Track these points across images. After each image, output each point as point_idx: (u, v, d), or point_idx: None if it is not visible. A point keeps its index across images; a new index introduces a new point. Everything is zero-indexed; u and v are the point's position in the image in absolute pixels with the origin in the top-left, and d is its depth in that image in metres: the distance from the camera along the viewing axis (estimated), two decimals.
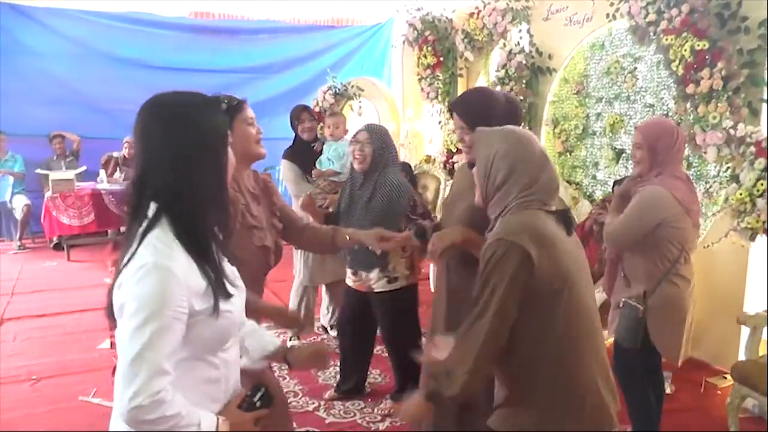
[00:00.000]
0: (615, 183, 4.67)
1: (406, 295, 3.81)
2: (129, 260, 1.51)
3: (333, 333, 5.03)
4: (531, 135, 2.11)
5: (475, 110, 2.60)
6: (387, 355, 4.09)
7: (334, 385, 4.20)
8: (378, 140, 3.62)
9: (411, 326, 3.92)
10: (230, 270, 1.72)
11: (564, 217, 2.01)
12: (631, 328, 3.02)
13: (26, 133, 8.04)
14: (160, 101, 1.63)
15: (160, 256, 1.49)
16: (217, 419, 1.61)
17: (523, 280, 1.84)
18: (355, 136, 3.66)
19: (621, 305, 3.08)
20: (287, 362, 2.06)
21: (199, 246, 1.58)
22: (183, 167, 1.55)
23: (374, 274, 3.72)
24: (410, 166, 7.01)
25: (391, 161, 3.71)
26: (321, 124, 5.44)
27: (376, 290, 3.76)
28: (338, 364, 4.18)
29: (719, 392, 4.13)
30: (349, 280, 3.89)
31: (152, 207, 1.56)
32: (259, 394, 1.76)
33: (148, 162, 1.56)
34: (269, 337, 2.03)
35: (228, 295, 1.62)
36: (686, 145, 3.58)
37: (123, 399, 1.44)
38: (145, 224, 1.54)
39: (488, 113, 2.51)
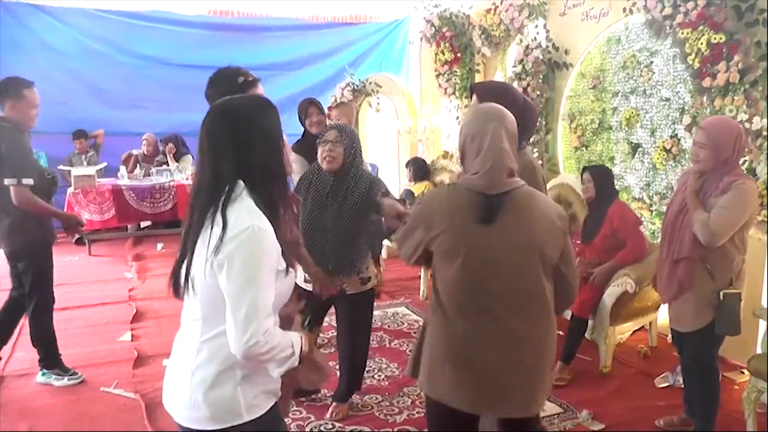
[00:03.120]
0: (584, 169, 4.71)
1: (371, 297, 3.85)
2: (222, 227, 1.75)
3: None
4: (489, 112, 2.33)
5: (491, 98, 2.68)
6: (344, 355, 3.90)
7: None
8: (348, 139, 3.55)
9: (368, 328, 3.96)
10: None
11: (489, 204, 2.21)
12: (736, 314, 3.15)
13: (49, 131, 8.13)
14: (235, 106, 1.92)
15: (257, 220, 1.77)
16: (300, 337, 1.95)
17: (420, 233, 2.30)
18: (324, 136, 3.57)
19: (722, 297, 3.13)
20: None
21: (274, 214, 1.86)
22: (262, 153, 1.86)
23: (353, 278, 3.66)
24: (424, 161, 7.05)
25: (360, 158, 3.67)
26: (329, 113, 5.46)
27: (348, 292, 3.67)
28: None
29: (736, 386, 4.13)
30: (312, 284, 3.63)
31: (233, 187, 1.82)
32: (306, 320, 2.23)
33: (223, 150, 1.83)
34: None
35: (289, 260, 1.91)
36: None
37: (241, 340, 1.72)
38: (224, 199, 1.80)
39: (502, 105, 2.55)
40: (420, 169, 7.06)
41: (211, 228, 1.77)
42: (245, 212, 1.78)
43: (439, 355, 2.29)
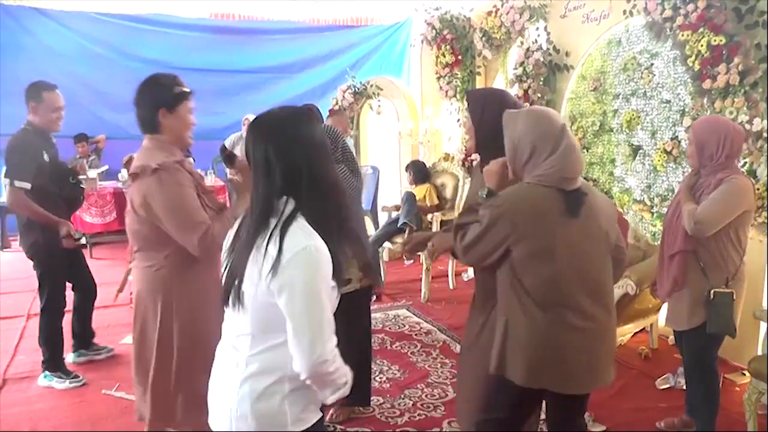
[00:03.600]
0: None
1: (359, 299, 3.70)
2: (278, 249, 1.73)
3: None
4: (552, 114, 2.41)
5: (483, 104, 2.76)
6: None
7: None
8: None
9: (362, 333, 3.87)
10: None
11: (572, 198, 2.30)
12: (728, 315, 3.15)
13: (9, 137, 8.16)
14: (282, 116, 1.88)
15: (313, 240, 1.76)
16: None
17: (500, 237, 2.31)
18: None
19: (712, 296, 3.15)
20: None
21: (331, 232, 1.84)
22: (313, 168, 1.83)
23: None
24: (424, 164, 7.04)
25: (340, 159, 3.60)
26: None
27: None
28: None
29: (737, 388, 4.12)
30: None
31: (282, 205, 1.81)
32: None
33: (283, 168, 1.80)
34: None
35: (342, 275, 1.89)
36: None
37: (311, 358, 1.73)
38: (281, 218, 1.79)
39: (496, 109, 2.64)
40: (420, 172, 7.07)
41: (266, 248, 1.75)
42: (299, 232, 1.77)
43: (542, 348, 2.34)
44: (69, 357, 4.63)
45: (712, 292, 3.15)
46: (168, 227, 2.57)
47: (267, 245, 1.76)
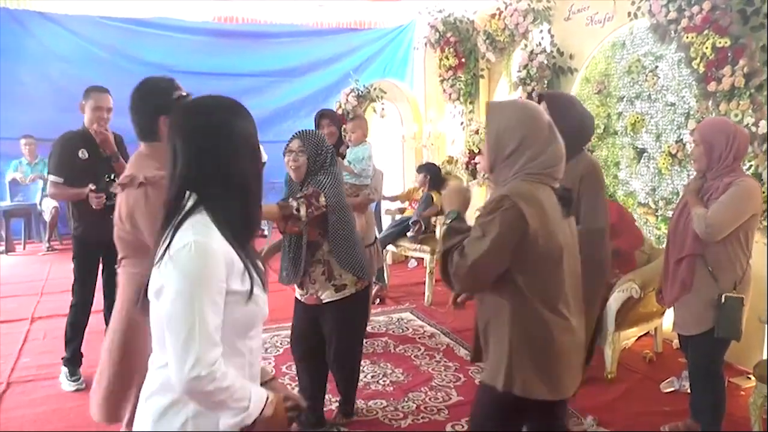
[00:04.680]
0: None
1: (354, 304, 3.63)
2: (167, 246, 1.59)
3: None
4: (539, 109, 2.33)
5: (559, 107, 3.14)
6: (335, 367, 3.76)
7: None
8: (311, 147, 3.42)
9: (357, 337, 3.85)
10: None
11: (564, 197, 2.26)
12: (737, 319, 3.13)
13: (56, 138, 8.18)
14: (197, 105, 1.77)
15: (200, 235, 1.58)
16: (267, 397, 1.68)
17: (516, 239, 2.14)
18: (287, 145, 3.46)
19: (723, 300, 3.12)
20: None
21: (237, 231, 1.67)
22: (223, 161, 1.67)
23: (319, 282, 3.52)
24: (437, 167, 6.94)
25: (327, 166, 3.48)
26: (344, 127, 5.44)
27: (325, 301, 3.54)
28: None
29: (742, 392, 4.11)
30: (297, 294, 3.67)
31: (189, 199, 1.66)
32: (292, 414, 1.80)
33: (189, 158, 1.66)
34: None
35: (261, 280, 1.71)
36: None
37: (182, 371, 1.51)
38: (182, 214, 1.64)
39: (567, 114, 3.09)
40: (438, 178, 6.71)
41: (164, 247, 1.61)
42: (189, 228, 1.60)
43: (553, 355, 2.26)
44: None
45: (723, 296, 3.12)
46: (149, 242, 2.53)
47: (163, 245, 1.62)
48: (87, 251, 4.43)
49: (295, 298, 3.71)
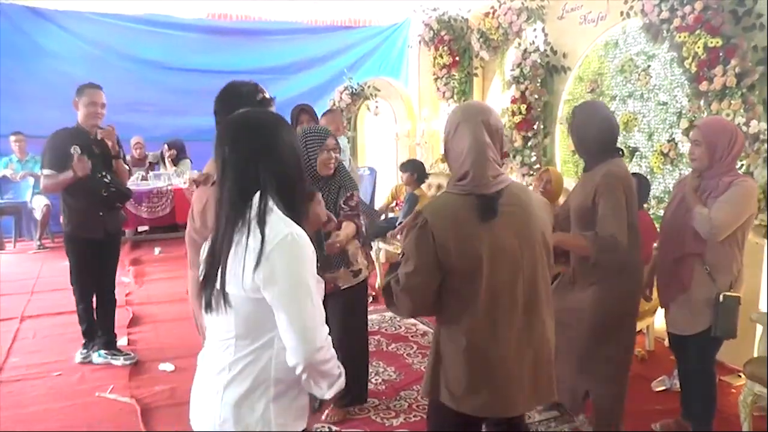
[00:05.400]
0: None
1: (365, 287, 3.93)
2: (260, 240, 1.72)
3: None
4: (464, 115, 2.29)
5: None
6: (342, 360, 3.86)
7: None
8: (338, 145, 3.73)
9: (365, 321, 4.03)
10: None
11: (483, 203, 2.18)
12: (734, 318, 3.14)
13: (46, 135, 8.17)
14: (247, 119, 1.91)
15: (293, 228, 1.75)
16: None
17: (432, 253, 2.17)
18: (326, 144, 3.63)
19: (722, 299, 3.12)
20: None
21: (300, 223, 1.82)
22: (285, 164, 1.84)
23: (341, 271, 3.72)
24: (423, 164, 6.93)
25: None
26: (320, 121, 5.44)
27: (342, 287, 3.73)
28: None
29: (733, 390, 4.12)
30: None
31: (256, 198, 1.78)
32: None
33: (247, 163, 1.80)
34: None
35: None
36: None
37: (307, 346, 1.71)
38: (255, 210, 1.76)
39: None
40: (422, 173, 6.65)
41: (246, 242, 1.73)
42: (279, 222, 1.75)
43: (474, 368, 2.23)
44: (77, 357, 4.71)
45: (721, 296, 3.12)
46: None
47: (247, 240, 1.73)
48: (79, 248, 4.46)
49: None
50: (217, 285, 1.77)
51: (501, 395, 2.23)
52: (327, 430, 3.74)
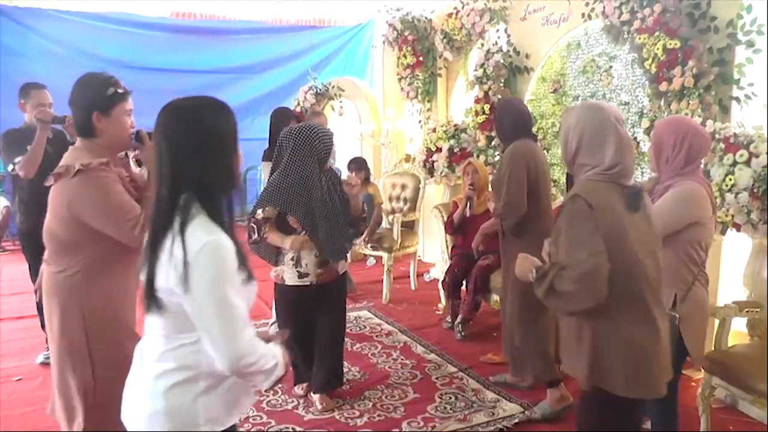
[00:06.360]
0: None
1: (346, 273, 4.18)
2: (182, 249, 1.70)
3: None
4: (604, 109, 2.38)
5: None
6: (326, 344, 4.07)
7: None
8: None
9: (341, 315, 4.24)
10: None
11: (631, 194, 2.29)
12: (672, 337, 2.69)
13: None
14: (181, 105, 1.84)
15: (214, 234, 1.74)
16: (281, 350, 1.92)
17: (595, 230, 2.19)
18: (333, 143, 3.90)
19: None
20: None
21: (228, 225, 1.82)
22: (210, 161, 1.79)
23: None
24: (365, 161, 6.92)
25: None
26: None
27: (341, 272, 4.01)
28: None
29: (693, 383, 4.19)
30: (312, 277, 3.86)
31: (182, 198, 1.76)
32: None
33: (178, 159, 1.77)
34: None
35: (248, 266, 1.86)
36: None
37: (228, 357, 1.72)
38: (181, 214, 1.74)
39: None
40: (368, 171, 6.74)
41: (171, 248, 1.72)
42: (200, 229, 1.73)
43: (638, 355, 2.29)
44: (39, 357, 4.66)
45: None
46: (102, 226, 2.47)
47: (172, 245, 1.72)
48: (35, 245, 4.32)
49: (289, 286, 3.91)
50: (148, 285, 1.77)
51: (658, 377, 2.34)
52: (291, 430, 3.74)
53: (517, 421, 3.84)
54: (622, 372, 2.28)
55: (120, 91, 2.59)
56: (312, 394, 4.07)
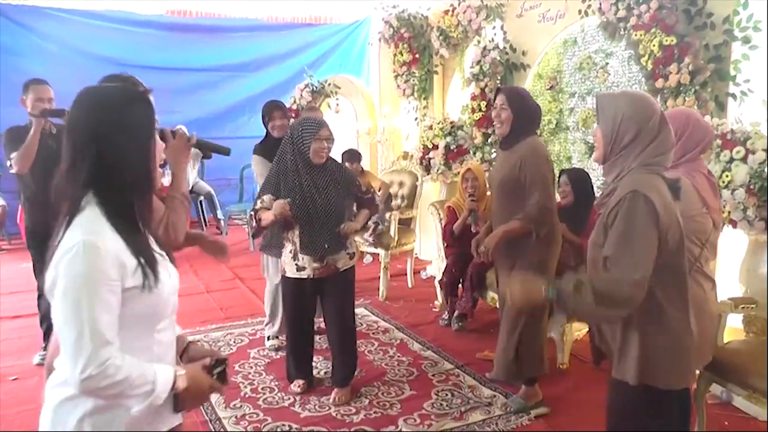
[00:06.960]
0: (561, 172, 4.77)
1: (354, 270, 4.12)
2: (59, 243, 1.59)
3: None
4: (651, 99, 2.38)
5: (519, 100, 3.75)
6: (335, 338, 4.14)
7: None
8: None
9: (354, 300, 4.21)
10: (159, 253, 1.78)
11: (673, 184, 2.28)
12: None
13: (1, 132, 7.99)
14: (89, 94, 1.72)
15: (87, 234, 1.56)
16: (175, 373, 1.68)
17: (654, 226, 2.15)
18: (319, 134, 3.82)
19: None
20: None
21: (129, 225, 1.67)
22: (110, 154, 1.64)
23: (341, 254, 3.95)
24: (358, 152, 6.90)
25: None
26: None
27: (342, 269, 3.97)
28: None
29: None
30: (309, 271, 3.91)
31: (78, 192, 1.64)
32: (219, 369, 1.85)
33: (77, 150, 1.64)
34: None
35: (156, 272, 1.68)
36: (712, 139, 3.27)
37: (74, 373, 1.51)
38: (72, 208, 1.62)
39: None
40: (355, 161, 6.65)
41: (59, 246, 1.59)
42: (77, 227, 1.59)
43: (684, 346, 2.31)
44: (35, 358, 4.66)
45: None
46: None
47: (59, 244, 1.60)
48: (41, 243, 4.35)
49: (290, 278, 3.98)
50: (40, 287, 1.68)
51: (692, 365, 2.41)
52: (288, 428, 3.74)
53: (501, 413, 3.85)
54: (672, 365, 2.28)
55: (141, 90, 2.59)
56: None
